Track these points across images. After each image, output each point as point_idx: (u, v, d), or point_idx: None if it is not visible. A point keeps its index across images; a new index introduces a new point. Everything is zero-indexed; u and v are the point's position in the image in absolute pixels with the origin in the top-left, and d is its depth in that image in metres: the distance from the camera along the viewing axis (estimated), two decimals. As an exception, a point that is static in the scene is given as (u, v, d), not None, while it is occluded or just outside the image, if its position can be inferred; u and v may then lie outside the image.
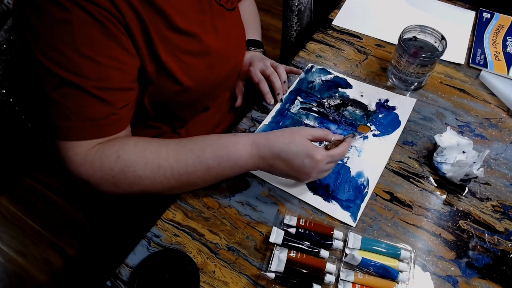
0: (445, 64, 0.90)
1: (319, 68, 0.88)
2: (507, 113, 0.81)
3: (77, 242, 1.46)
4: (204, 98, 0.76)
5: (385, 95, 0.83)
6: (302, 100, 0.83)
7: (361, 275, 0.58)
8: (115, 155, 0.58)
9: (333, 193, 0.68)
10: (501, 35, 0.95)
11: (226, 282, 0.59)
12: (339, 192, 0.68)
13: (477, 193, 0.69)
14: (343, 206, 0.66)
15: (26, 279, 1.38)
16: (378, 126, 0.78)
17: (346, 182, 0.69)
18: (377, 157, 0.73)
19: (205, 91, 0.73)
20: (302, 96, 0.83)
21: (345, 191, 0.68)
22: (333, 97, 0.83)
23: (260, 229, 0.65)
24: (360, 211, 0.66)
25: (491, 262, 0.62)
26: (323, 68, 0.89)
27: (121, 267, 0.60)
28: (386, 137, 0.76)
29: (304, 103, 0.82)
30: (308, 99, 0.83)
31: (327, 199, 0.67)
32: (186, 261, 0.59)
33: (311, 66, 0.89)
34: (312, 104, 0.82)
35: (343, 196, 0.67)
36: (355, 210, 0.66)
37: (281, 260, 0.59)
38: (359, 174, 0.70)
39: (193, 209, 0.67)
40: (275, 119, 0.79)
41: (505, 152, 0.75)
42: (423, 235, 0.64)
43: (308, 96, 0.83)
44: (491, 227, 0.65)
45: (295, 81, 0.86)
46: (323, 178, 0.69)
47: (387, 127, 0.78)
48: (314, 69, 0.88)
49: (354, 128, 0.78)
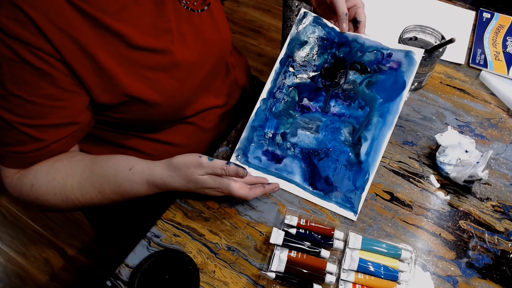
0: (445, 64, 0.90)
1: (313, 18, 0.74)
2: (507, 113, 0.81)
3: (77, 242, 1.46)
4: (176, 111, 0.71)
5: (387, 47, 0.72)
6: (294, 71, 0.72)
7: (362, 275, 0.59)
8: (29, 183, 0.60)
9: (334, 183, 0.67)
10: (501, 35, 0.95)
11: (226, 282, 0.59)
12: (339, 183, 0.67)
13: (477, 193, 0.69)
14: (344, 199, 0.66)
15: (26, 279, 1.38)
16: (380, 92, 0.69)
17: (346, 170, 0.67)
18: (377, 137, 0.68)
19: (176, 103, 0.69)
20: (294, 66, 0.72)
21: (344, 182, 0.67)
22: (328, 63, 0.72)
23: (260, 229, 0.65)
24: (361, 202, 0.65)
25: (491, 262, 0.62)
26: (317, 17, 0.74)
27: (121, 267, 0.60)
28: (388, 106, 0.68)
29: (297, 75, 0.72)
30: (302, 69, 0.72)
31: (327, 195, 0.67)
32: (186, 261, 0.59)
33: (304, 13, 0.74)
34: (306, 76, 0.71)
35: (343, 187, 0.66)
36: (356, 203, 0.65)
37: (281, 260, 0.59)
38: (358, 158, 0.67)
39: (193, 209, 0.66)
40: (267, 102, 0.71)
41: (505, 152, 0.75)
42: (423, 235, 0.64)
43: (302, 66, 0.72)
44: (491, 227, 0.65)
45: (285, 44, 0.74)
46: (322, 170, 0.68)
47: (391, 92, 0.69)
48: (307, 21, 0.74)
49: (354, 102, 0.69)
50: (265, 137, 0.71)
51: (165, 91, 0.65)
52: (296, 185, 0.68)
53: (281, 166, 0.70)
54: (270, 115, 0.72)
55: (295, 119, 0.71)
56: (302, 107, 0.71)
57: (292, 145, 0.70)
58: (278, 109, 0.72)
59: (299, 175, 0.69)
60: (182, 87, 0.68)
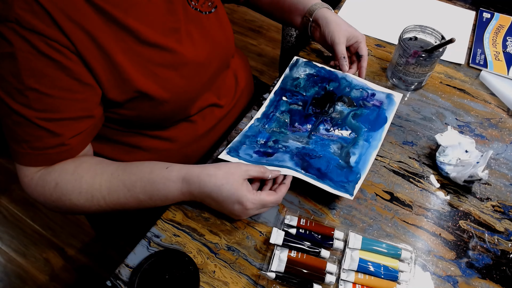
0: (445, 64, 0.90)
1: (304, 62, 0.84)
2: (507, 113, 0.81)
3: (77, 242, 1.46)
4: (182, 109, 0.72)
5: (371, 88, 0.80)
6: (287, 100, 0.79)
7: (362, 275, 0.59)
8: (54, 182, 0.59)
9: (327, 174, 0.66)
10: (501, 35, 0.95)
11: (226, 282, 0.59)
12: (332, 174, 0.66)
13: (477, 193, 0.69)
14: (338, 185, 0.65)
15: (26, 279, 1.38)
16: (364, 123, 0.75)
17: (337, 169, 0.67)
18: None
19: (182, 101, 0.70)
20: (287, 96, 0.79)
21: (337, 174, 0.66)
22: (319, 94, 0.79)
23: (260, 229, 0.65)
24: (356, 189, 0.64)
25: (491, 262, 0.62)
26: (308, 61, 0.85)
27: (121, 267, 0.60)
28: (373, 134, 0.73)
29: (290, 103, 0.78)
30: (294, 98, 0.79)
31: (320, 178, 0.66)
32: (186, 261, 0.59)
33: (297, 59, 0.85)
34: (298, 104, 0.78)
35: (336, 178, 0.66)
36: (351, 189, 0.64)
37: (281, 260, 0.59)
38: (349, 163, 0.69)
39: (193, 209, 0.66)
40: (261, 121, 0.76)
41: (505, 152, 0.75)
42: (423, 235, 0.64)
43: (294, 95, 0.79)
44: (491, 227, 0.65)
45: (279, 79, 0.83)
46: (313, 162, 0.68)
47: (375, 124, 0.74)
48: (299, 63, 0.84)
49: (341, 128, 0.74)
50: (257, 143, 0.73)
51: (173, 88, 0.66)
52: (289, 168, 0.66)
53: (272, 158, 0.69)
54: (263, 130, 0.75)
55: (286, 135, 0.74)
56: (293, 127, 0.76)
57: (284, 146, 0.72)
58: (271, 127, 0.76)
59: (291, 164, 0.67)
60: (189, 86, 0.69)
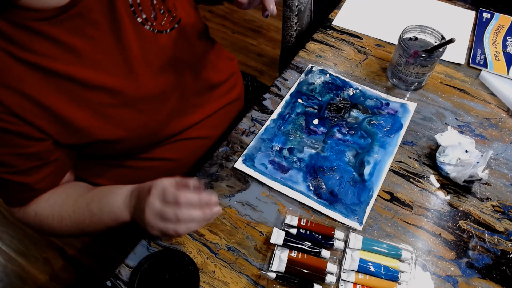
0: (445, 64, 0.90)
1: (319, 69, 0.88)
2: (507, 113, 0.81)
3: (77, 242, 1.46)
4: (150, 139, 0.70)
5: (386, 98, 0.83)
6: (303, 102, 0.82)
7: (362, 275, 0.59)
8: (33, 212, 0.63)
9: (338, 196, 0.68)
10: (501, 35, 0.95)
11: (226, 282, 0.59)
12: (344, 196, 0.68)
13: (477, 193, 0.69)
14: (348, 210, 0.66)
15: (26, 279, 1.38)
16: (380, 129, 0.77)
17: (350, 186, 0.69)
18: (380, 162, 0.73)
19: (145, 135, 0.67)
20: (303, 98, 0.82)
21: (349, 195, 0.68)
22: (334, 100, 0.82)
23: (260, 229, 0.65)
24: (366, 214, 0.66)
25: (491, 262, 0.62)
26: (323, 69, 0.88)
27: (121, 267, 0.60)
28: (389, 139, 0.76)
29: (306, 106, 0.81)
30: (310, 102, 0.82)
31: (332, 205, 0.67)
32: (186, 261, 0.59)
33: (311, 67, 0.88)
34: (313, 107, 0.81)
35: (347, 200, 0.67)
36: (361, 213, 0.66)
37: (282, 260, 0.59)
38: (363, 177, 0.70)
39: (193, 209, 0.66)
40: (276, 122, 0.78)
41: (505, 152, 0.75)
42: (423, 235, 0.64)
43: (309, 99, 0.82)
44: (491, 227, 0.65)
45: (295, 83, 0.86)
46: (326, 182, 0.69)
47: (390, 130, 0.77)
48: (314, 70, 0.87)
49: (357, 132, 0.76)
50: (272, 149, 0.74)
51: (131, 126, 0.64)
52: (301, 193, 0.69)
53: (287, 176, 0.71)
54: (279, 133, 0.77)
55: (302, 139, 0.76)
56: (309, 130, 0.78)
57: (298, 159, 0.73)
58: (287, 129, 0.78)
59: (304, 186, 0.69)
60: (151, 118, 0.66)
